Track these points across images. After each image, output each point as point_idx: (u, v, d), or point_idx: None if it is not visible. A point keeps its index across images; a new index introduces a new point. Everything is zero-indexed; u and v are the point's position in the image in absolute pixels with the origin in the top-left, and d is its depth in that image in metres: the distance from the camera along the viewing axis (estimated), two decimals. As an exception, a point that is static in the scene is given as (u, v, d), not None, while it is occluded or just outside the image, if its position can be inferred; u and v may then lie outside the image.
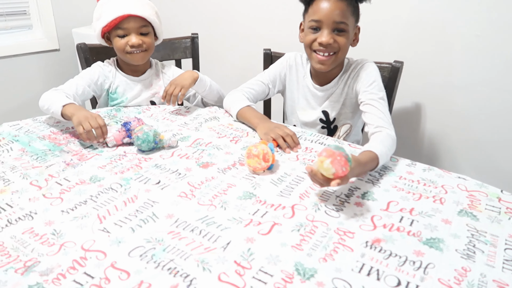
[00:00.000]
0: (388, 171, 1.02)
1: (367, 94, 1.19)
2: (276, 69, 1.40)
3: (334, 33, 1.17)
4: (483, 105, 1.46)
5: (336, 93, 1.30)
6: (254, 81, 1.39)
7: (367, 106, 1.17)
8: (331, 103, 1.32)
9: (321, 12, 1.16)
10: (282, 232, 0.78)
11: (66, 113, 1.16)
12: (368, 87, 1.20)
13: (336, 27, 1.17)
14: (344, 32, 1.17)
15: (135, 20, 1.33)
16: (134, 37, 1.34)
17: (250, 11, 2.02)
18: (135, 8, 1.32)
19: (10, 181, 0.94)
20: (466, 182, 0.97)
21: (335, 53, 1.19)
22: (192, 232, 0.77)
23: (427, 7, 1.48)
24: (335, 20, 1.15)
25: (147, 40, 1.37)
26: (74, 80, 1.36)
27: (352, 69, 1.28)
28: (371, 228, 0.80)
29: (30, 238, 0.75)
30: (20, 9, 2.31)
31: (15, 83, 2.35)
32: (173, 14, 2.36)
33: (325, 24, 1.17)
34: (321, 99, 1.33)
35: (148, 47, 1.39)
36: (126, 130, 1.14)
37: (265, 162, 0.97)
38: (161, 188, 0.92)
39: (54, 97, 1.23)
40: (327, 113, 1.33)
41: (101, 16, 1.34)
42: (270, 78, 1.39)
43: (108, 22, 1.32)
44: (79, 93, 1.33)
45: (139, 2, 1.34)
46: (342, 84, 1.29)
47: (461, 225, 0.81)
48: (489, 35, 1.38)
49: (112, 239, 0.75)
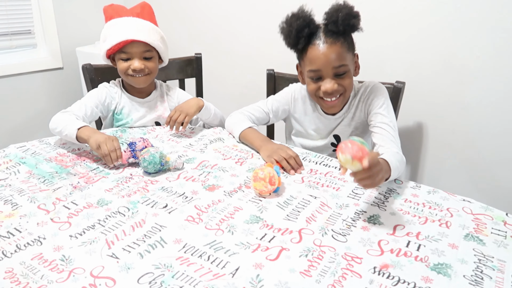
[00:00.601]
0: (393, 193, 1.02)
1: (377, 116, 1.20)
2: (279, 101, 1.38)
3: (336, 78, 1.16)
4: (486, 124, 1.47)
5: (348, 117, 1.30)
6: (256, 107, 1.39)
7: (376, 129, 1.18)
8: (343, 127, 1.32)
9: (318, 61, 1.14)
10: (290, 257, 0.78)
11: (81, 136, 1.18)
12: (378, 109, 1.21)
13: (336, 72, 1.15)
14: (346, 73, 1.17)
15: (138, 45, 1.35)
16: (137, 62, 1.36)
17: (252, 31, 2.05)
18: (139, 34, 1.33)
19: (18, 204, 0.95)
20: (471, 205, 0.97)
21: (341, 95, 1.20)
22: (201, 258, 0.78)
23: (429, 30, 1.51)
24: (334, 66, 1.14)
25: (150, 64, 1.39)
26: (82, 101, 1.37)
27: (362, 92, 1.28)
28: (379, 253, 0.80)
29: (39, 264, 0.75)
30: (25, 29, 2.34)
31: (19, 101, 2.37)
32: (177, 34, 2.40)
33: (324, 72, 1.16)
34: (333, 126, 1.33)
35: (151, 71, 1.40)
36: (132, 151, 1.14)
37: (271, 185, 0.98)
38: (168, 212, 0.93)
39: (66, 120, 1.24)
40: (339, 137, 1.34)
41: (106, 38, 1.36)
42: (272, 108, 1.38)
43: (112, 45, 1.34)
44: (87, 114, 1.35)
45: (144, 27, 1.36)
46: (353, 108, 1.29)
47: (468, 249, 0.81)
48: (490, 56, 1.40)
49: (121, 265, 0.75)
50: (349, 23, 1.12)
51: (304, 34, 1.14)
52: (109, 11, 1.37)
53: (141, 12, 1.37)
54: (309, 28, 1.14)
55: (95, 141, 1.13)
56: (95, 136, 1.15)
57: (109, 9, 1.38)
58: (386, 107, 1.21)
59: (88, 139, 1.16)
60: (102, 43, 1.39)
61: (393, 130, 1.17)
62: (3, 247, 0.80)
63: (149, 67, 1.39)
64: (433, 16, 1.49)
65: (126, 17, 1.35)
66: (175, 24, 2.39)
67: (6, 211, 0.92)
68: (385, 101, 1.22)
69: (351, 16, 1.12)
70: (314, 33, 1.15)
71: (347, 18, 1.12)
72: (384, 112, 1.20)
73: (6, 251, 0.79)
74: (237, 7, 2.08)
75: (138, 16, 1.36)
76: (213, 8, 2.19)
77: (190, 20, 2.32)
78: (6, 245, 0.80)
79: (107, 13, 1.37)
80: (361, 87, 1.29)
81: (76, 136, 1.19)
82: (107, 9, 1.38)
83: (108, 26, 1.37)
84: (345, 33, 1.15)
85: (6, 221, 0.88)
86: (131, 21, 1.35)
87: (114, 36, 1.33)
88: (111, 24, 1.36)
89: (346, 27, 1.13)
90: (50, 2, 2.35)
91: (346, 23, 1.12)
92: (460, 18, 1.43)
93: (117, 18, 1.35)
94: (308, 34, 1.15)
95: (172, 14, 2.39)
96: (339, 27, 1.12)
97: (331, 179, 1.09)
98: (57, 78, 2.52)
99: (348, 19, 1.12)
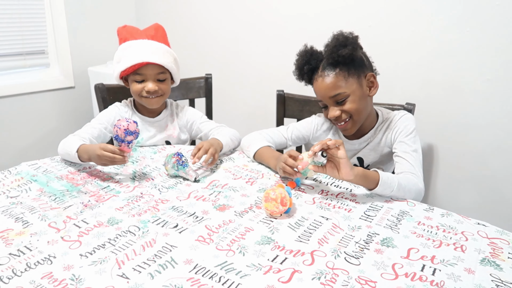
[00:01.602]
0: (405, 215, 1.01)
1: (402, 145, 1.21)
2: (301, 130, 1.40)
3: (338, 105, 1.22)
4: (497, 146, 1.46)
5: (374, 142, 1.31)
6: (276, 131, 1.40)
7: (399, 158, 1.20)
8: (367, 151, 1.32)
9: (318, 93, 1.25)
10: (302, 280, 0.77)
11: (82, 157, 1.21)
12: (404, 138, 1.22)
13: (335, 100, 1.21)
14: (346, 99, 1.20)
15: (153, 68, 1.36)
16: (151, 84, 1.37)
17: (262, 52, 2.08)
18: (153, 56, 1.35)
19: (29, 222, 0.94)
20: (486, 228, 0.96)
21: (349, 118, 1.23)
22: (212, 279, 0.76)
23: (438, 52, 1.52)
24: (329, 96, 1.21)
25: (164, 86, 1.40)
26: (91, 124, 1.39)
27: (391, 120, 1.29)
28: (393, 277, 0.78)
29: (49, 283, 0.75)
30: (39, 49, 2.39)
31: (31, 119, 2.41)
32: (187, 55, 2.44)
33: (326, 102, 1.24)
34: (358, 149, 1.34)
35: (164, 93, 1.41)
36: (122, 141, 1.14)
37: (283, 206, 0.97)
38: (179, 232, 0.92)
39: (66, 147, 1.26)
40: (362, 160, 1.34)
41: (120, 60, 1.38)
42: (293, 136, 1.39)
43: (127, 67, 1.35)
44: (95, 135, 1.36)
45: (159, 49, 1.37)
46: (381, 134, 1.30)
47: (485, 275, 0.79)
48: (500, 78, 1.40)
49: (131, 285, 0.74)
50: (338, 54, 1.17)
51: (305, 70, 1.25)
52: (124, 33, 1.39)
53: (155, 34, 1.39)
54: (309, 64, 1.24)
55: (94, 161, 1.17)
56: (90, 154, 1.18)
57: (123, 31, 1.40)
58: (412, 137, 1.23)
59: (89, 160, 1.20)
60: (116, 64, 1.40)
61: (415, 160, 1.18)
62: (13, 266, 0.79)
63: (163, 89, 1.40)
64: (442, 39, 1.50)
65: (141, 40, 1.36)
66: (187, 46, 2.43)
67: (17, 229, 0.92)
68: (412, 131, 1.24)
69: (338, 47, 1.17)
70: (317, 67, 1.24)
71: (334, 50, 1.18)
72: (409, 142, 1.22)
73: (16, 269, 0.78)
74: (246, 30, 2.11)
75: (152, 38, 1.38)
76: (223, 32, 2.22)
77: (200, 42, 2.36)
78: (17, 264, 0.80)
79: (121, 35, 1.39)
80: (390, 115, 1.30)
81: (80, 159, 1.22)
82: (121, 31, 1.40)
83: (123, 48, 1.38)
84: (342, 63, 1.19)
85: (17, 239, 0.88)
86: (146, 43, 1.36)
87: (129, 58, 1.35)
88: (126, 46, 1.38)
89: (339, 58, 1.18)
90: (64, 23, 2.40)
91: (335, 55, 1.18)
92: (470, 40, 1.44)
93: (132, 40, 1.36)
94: (310, 69, 1.24)
95: (183, 37, 2.44)
96: (330, 61, 1.20)
97: (343, 201, 1.08)
98: (69, 97, 2.55)
99: (335, 51, 1.17)
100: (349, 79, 1.19)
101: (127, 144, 1.14)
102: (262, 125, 1.44)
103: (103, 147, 1.14)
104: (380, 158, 1.32)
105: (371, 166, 1.34)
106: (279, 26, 1.96)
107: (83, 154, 1.21)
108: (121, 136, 1.13)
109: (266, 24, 2.02)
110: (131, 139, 1.14)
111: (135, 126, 1.14)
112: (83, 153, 1.21)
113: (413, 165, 1.16)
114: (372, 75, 1.24)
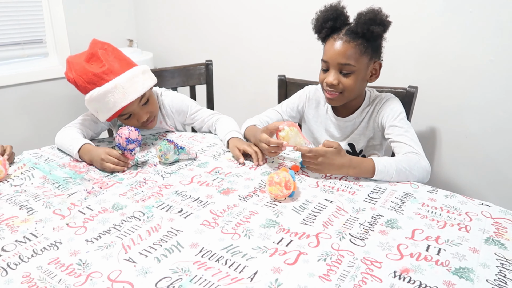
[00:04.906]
0: (409, 197, 1.01)
1: (394, 129, 1.20)
2: (294, 101, 1.41)
3: (341, 74, 1.19)
4: (500, 127, 1.45)
5: (362, 126, 1.31)
6: (271, 110, 1.41)
7: (396, 143, 1.18)
8: (357, 136, 1.32)
9: (328, 53, 1.20)
10: (308, 261, 0.77)
11: (83, 157, 1.21)
12: (394, 121, 1.21)
13: (341, 69, 1.19)
14: (351, 73, 1.18)
15: (133, 102, 1.26)
16: (141, 114, 1.30)
17: (263, 37, 2.06)
18: (129, 96, 1.24)
19: (34, 210, 0.95)
20: (490, 209, 0.96)
21: (341, 92, 1.21)
22: (218, 262, 0.77)
23: (440, 32, 1.50)
24: (339, 62, 1.18)
25: (151, 107, 1.34)
26: (87, 116, 1.38)
27: (377, 103, 1.28)
28: (398, 257, 0.79)
29: (56, 268, 0.75)
30: (37, 38, 2.37)
31: (30, 109, 2.39)
32: (187, 41, 2.42)
33: (331, 65, 1.20)
34: (346, 131, 1.34)
35: (154, 113, 1.37)
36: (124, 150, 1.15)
37: (287, 189, 0.97)
38: (184, 217, 0.92)
39: (67, 142, 1.25)
40: (353, 145, 1.34)
41: (98, 111, 1.27)
42: (287, 109, 1.40)
43: (110, 116, 1.27)
44: (92, 127, 1.37)
45: (131, 84, 1.25)
46: (367, 117, 1.30)
47: (490, 254, 0.80)
48: (503, 58, 1.39)
49: (138, 269, 0.75)
50: (369, 29, 1.14)
51: (327, 25, 1.20)
52: (80, 81, 1.24)
53: (110, 66, 1.24)
54: (334, 21, 1.19)
55: (96, 161, 1.17)
56: (92, 158, 1.18)
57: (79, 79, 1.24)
58: (402, 119, 1.22)
59: (90, 161, 1.19)
60: (95, 113, 1.29)
61: (410, 139, 1.17)
62: (20, 252, 0.80)
63: (151, 110, 1.34)
64: (445, 20, 1.48)
65: (106, 84, 1.22)
66: (186, 32, 2.40)
67: (22, 216, 0.92)
68: (400, 113, 1.23)
69: (373, 22, 1.14)
70: (338, 28, 1.20)
71: (368, 23, 1.14)
72: (400, 123, 1.21)
73: (23, 255, 0.79)
74: (246, 15, 2.09)
75: (115, 74, 1.23)
76: (224, 17, 2.20)
77: (200, 28, 2.33)
78: (23, 250, 0.80)
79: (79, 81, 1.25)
80: (376, 97, 1.30)
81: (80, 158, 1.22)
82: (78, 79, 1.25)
83: (92, 98, 1.24)
84: (365, 37, 1.16)
85: (22, 226, 0.88)
86: (114, 86, 1.22)
87: (109, 109, 1.24)
88: (97, 97, 1.23)
89: (365, 31, 1.15)
90: (62, 12, 2.37)
91: (366, 27, 1.14)
92: (472, 20, 1.42)
93: (100, 87, 1.22)
94: (332, 26, 1.20)
95: (183, 23, 2.41)
96: (357, 29, 1.15)
97: (346, 183, 1.08)
98: (68, 86, 2.53)
99: (368, 24, 1.14)
100: (362, 56, 1.18)
101: (129, 152, 1.15)
102: (263, 111, 1.43)
103: (108, 151, 1.15)
104: (371, 142, 1.32)
105: (365, 151, 1.34)
106: (280, 10, 1.94)
107: (84, 155, 1.20)
108: (123, 145, 1.13)
109: (266, 9, 2.00)
110: (133, 147, 1.14)
111: (136, 134, 1.14)
112: (84, 153, 1.20)
113: (410, 145, 1.15)
114: (379, 64, 1.24)
